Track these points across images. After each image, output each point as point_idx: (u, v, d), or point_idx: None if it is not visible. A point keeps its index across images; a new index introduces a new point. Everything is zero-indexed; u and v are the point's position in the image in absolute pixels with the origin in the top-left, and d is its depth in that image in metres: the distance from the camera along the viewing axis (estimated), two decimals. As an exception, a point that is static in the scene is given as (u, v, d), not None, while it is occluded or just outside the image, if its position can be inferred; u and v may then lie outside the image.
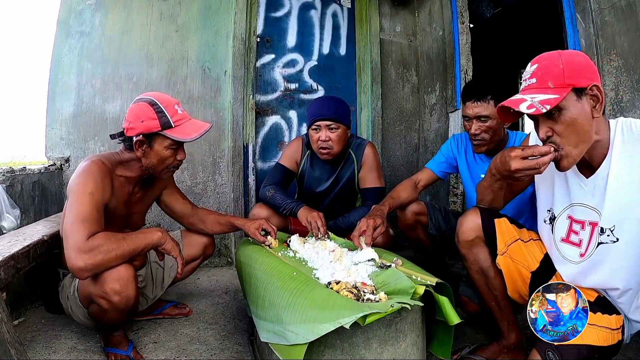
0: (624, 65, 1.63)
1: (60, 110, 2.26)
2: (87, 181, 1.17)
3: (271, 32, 2.69)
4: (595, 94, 0.92)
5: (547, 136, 0.94)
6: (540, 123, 0.96)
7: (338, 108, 1.73)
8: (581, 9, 1.77)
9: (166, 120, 1.22)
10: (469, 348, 1.34)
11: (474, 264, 1.25)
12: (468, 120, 1.53)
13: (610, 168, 0.96)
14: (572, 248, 1.07)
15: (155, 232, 1.23)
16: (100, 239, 1.10)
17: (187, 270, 1.61)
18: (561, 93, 0.88)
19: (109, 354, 1.32)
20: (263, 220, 1.52)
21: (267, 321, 1.09)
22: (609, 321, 1.00)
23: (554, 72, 0.91)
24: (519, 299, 1.24)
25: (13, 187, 1.75)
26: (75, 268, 1.06)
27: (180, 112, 1.27)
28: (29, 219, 1.80)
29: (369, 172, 1.83)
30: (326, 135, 1.70)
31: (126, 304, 1.17)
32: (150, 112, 1.22)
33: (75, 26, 2.28)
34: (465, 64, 2.56)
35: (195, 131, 1.25)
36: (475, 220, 1.22)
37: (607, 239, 0.98)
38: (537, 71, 0.94)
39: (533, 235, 1.24)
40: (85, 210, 1.12)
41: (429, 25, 2.95)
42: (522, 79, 0.98)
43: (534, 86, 0.93)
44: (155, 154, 1.26)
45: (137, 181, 1.37)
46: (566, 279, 1.10)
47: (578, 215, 1.05)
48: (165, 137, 1.24)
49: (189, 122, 1.28)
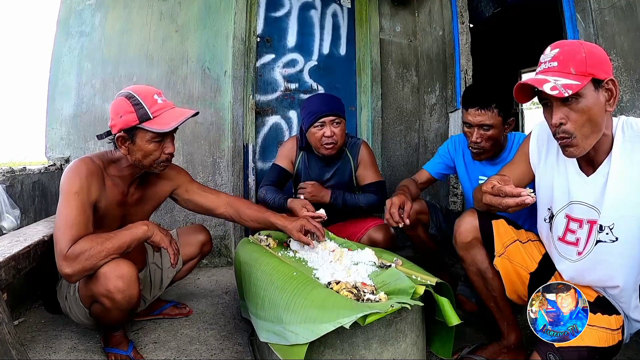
0: (624, 65, 1.63)
1: (60, 111, 2.26)
2: (72, 181, 1.16)
3: (271, 32, 2.69)
4: (610, 88, 0.92)
5: (560, 123, 0.92)
6: (555, 108, 0.93)
7: (337, 103, 1.76)
8: (581, 9, 1.77)
9: (144, 112, 1.16)
10: (469, 348, 1.34)
11: (471, 265, 1.25)
12: (469, 127, 1.49)
13: (611, 165, 0.96)
14: (569, 247, 1.07)
15: (140, 226, 1.20)
16: (85, 243, 1.09)
17: (185, 269, 1.61)
18: (582, 80, 0.88)
19: (109, 354, 1.32)
20: (305, 220, 1.40)
21: (266, 321, 1.09)
22: (609, 322, 1.00)
23: (576, 58, 0.90)
24: (517, 300, 1.23)
25: (13, 187, 1.75)
26: (63, 274, 1.09)
27: (161, 101, 1.21)
28: (29, 219, 1.80)
29: (367, 169, 1.84)
30: (331, 131, 1.70)
31: (129, 303, 1.17)
32: (127, 105, 1.17)
33: (75, 26, 2.28)
34: (465, 64, 2.56)
35: (174, 120, 1.19)
36: (473, 221, 1.22)
37: (606, 238, 0.98)
38: (558, 55, 0.92)
39: (531, 236, 1.24)
40: (70, 213, 1.12)
41: (429, 25, 2.95)
42: (541, 61, 0.95)
43: (555, 69, 0.91)
44: (139, 149, 1.21)
45: (132, 180, 1.34)
46: (565, 277, 1.11)
47: (576, 213, 1.05)
48: (145, 130, 1.18)
49: (170, 111, 1.21)
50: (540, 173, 1.14)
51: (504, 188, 0.93)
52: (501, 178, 0.99)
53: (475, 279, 1.27)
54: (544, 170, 1.13)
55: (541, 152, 1.14)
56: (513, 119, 1.50)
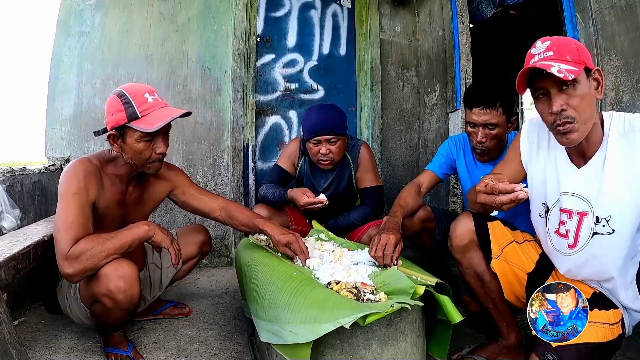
0: (624, 65, 1.63)
1: (60, 111, 2.26)
2: (70, 182, 1.16)
3: (271, 32, 2.69)
4: (597, 77, 0.96)
5: (562, 109, 0.94)
6: (554, 97, 0.94)
7: (336, 120, 1.69)
8: (581, 9, 1.77)
9: (132, 110, 1.16)
10: (469, 348, 1.34)
11: (468, 268, 1.25)
12: (473, 127, 1.47)
13: (607, 158, 0.97)
14: (562, 239, 1.08)
15: (141, 225, 1.20)
16: (86, 243, 1.09)
17: (185, 269, 1.61)
18: (578, 67, 0.91)
19: (109, 354, 1.32)
20: (294, 238, 1.33)
21: (267, 321, 1.09)
22: (607, 316, 1.00)
23: (569, 48, 0.94)
24: (516, 303, 1.23)
25: (13, 187, 1.75)
26: (64, 274, 1.09)
27: (152, 100, 1.20)
28: (29, 219, 1.80)
29: (366, 172, 1.83)
30: (327, 149, 1.68)
31: (130, 302, 1.17)
32: (117, 104, 1.18)
33: (75, 26, 2.28)
34: (465, 64, 2.56)
35: (161, 119, 1.17)
36: (468, 224, 1.22)
37: (602, 230, 0.99)
38: (552, 46, 0.95)
39: (528, 237, 1.25)
40: (70, 214, 1.12)
41: (429, 25, 2.95)
42: (533, 53, 0.98)
43: (552, 58, 0.93)
44: (130, 148, 1.21)
45: (130, 179, 1.34)
46: (562, 271, 1.11)
47: (566, 204, 1.05)
48: (134, 129, 1.18)
49: (159, 110, 1.20)
50: (532, 169, 1.15)
51: (497, 185, 0.94)
52: (495, 177, 0.99)
53: (472, 282, 1.27)
54: (535, 166, 1.14)
55: (532, 148, 1.15)
56: (516, 117, 1.50)
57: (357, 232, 1.77)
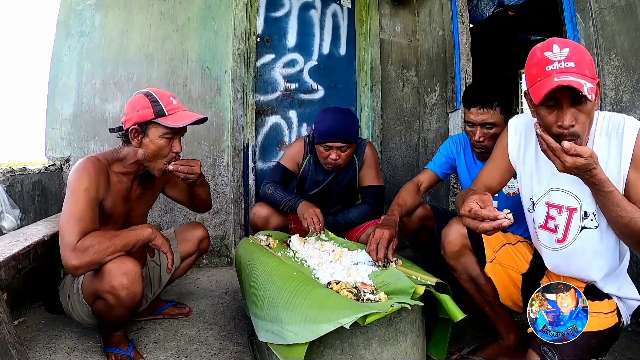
0: (624, 65, 1.63)
1: (60, 111, 2.26)
2: (82, 177, 1.20)
3: (271, 32, 2.69)
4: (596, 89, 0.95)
5: (573, 124, 0.92)
6: (566, 110, 0.92)
7: (350, 127, 1.69)
8: (581, 9, 1.77)
9: (160, 108, 1.26)
10: (469, 348, 1.34)
11: (463, 273, 1.25)
12: (471, 126, 1.49)
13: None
14: (550, 234, 1.09)
15: (145, 228, 1.27)
16: (94, 237, 1.13)
17: (184, 266, 1.63)
18: (594, 84, 0.90)
19: (109, 354, 1.32)
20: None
21: (266, 321, 1.09)
22: (601, 306, 1.02)
23: (587, 60, 0.91)
24: (513, 306, 1.23)
25: (13, 187, 1.75)
26: (69, 266, 1.10)
27: (175, 103, 1.31)
28: (29, 219, 1.80)
29: (368, 170, 1.84)
30: (337, 155, 1.69)
31: (132, 300, 1.19)
32: (145, 101, 1.27)
33: (75, 26, 2.28)
34: (465, 64, 2.56)
35: (187, 118, 1.29)
36: (460, 229, 1.21)
37: (590, 224, 1.02)
38: (571, 55, 0.91)
39: (520, 237, 1.26)
40: (79, 208, 1.16)
41: (429, 25, 2.94)
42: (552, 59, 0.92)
43: (572, 70, 0.90)
44: (151, 143, 1.28)
45: (135, 176, 1.38)
46: (550, 267, 1.13)
47: (555, 199, 1.07)
48: (159, 125, 1.26)
49: (183, 112, 1.32)
50: (521, 165, 1.15)
51: (480, 212, 0.90)
52: (480, 198, 0.95)
53: (468, 287, 1.27)
54: (524, 162, 1.14)
55: (520, 146, 1.15)
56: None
57: (355, 231, 1.77)
